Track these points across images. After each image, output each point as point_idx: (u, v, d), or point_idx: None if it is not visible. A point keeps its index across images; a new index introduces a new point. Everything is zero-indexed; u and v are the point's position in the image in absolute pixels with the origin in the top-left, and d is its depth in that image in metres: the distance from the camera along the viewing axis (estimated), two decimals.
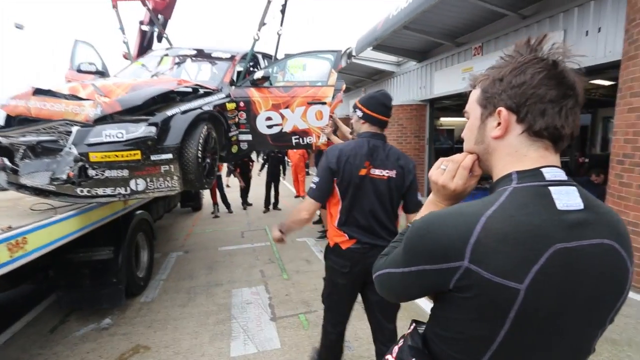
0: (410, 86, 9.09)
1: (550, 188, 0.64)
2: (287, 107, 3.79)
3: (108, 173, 2.52)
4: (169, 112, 2.76)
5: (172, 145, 2.67)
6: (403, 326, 1.63)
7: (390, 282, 0.78)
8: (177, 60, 4.28)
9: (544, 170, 0.66)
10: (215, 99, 3.40)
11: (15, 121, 2.73)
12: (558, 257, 0.59)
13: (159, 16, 4.94)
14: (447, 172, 0.80)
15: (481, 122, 0.75)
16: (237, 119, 3.76)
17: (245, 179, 7.95)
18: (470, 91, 0.81)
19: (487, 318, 0.62)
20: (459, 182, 0.78)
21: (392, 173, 1.82)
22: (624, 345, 2.56)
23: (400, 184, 1.84)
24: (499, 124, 0.69)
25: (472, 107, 0.78)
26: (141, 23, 5.06)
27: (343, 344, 2.12)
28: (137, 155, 2.53)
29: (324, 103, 3.80)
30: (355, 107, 1.94)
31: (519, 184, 0.66)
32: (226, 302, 3.37)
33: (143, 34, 5.14)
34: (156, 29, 5.09)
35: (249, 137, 3.86)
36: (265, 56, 4.76)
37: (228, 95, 3.64)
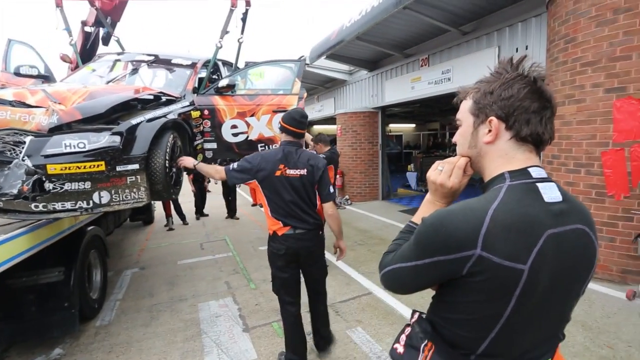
0: (362, 94, 9.47)
1: (538, 184, 0.76)
2: (252, 115, 3.78)
3: (68, 186, 2.32)
4: (134, 121, 2.60)
5: (138, 155, 2.53)
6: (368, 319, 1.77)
7: (401, 276, 0.84)
8: (132, 65, 4.03)
9: (530, 169, 0.78)
10: (180, 106, 3.27)
11: None
12: (550, 241, 0.72)
13: (108, 18, 4.63)
14: (444, 172, 0.89)
15: (474, 129, 0.85)
16: (201, 127, 3.64)
17: (200, 187, 7.69)
18: (460, 101, 0.92)
19: (497, 298, 0.72)
20: (455, 181, 0.88)
21: (304, 171, 2.32)
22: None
23: (311, 179, 2.34)
24: (490, 130, 0.80)
25: (465, 115, 0.88)
26: (84, 24, 4.69)
27: (303, 329, 2.49)
28: (101, 166, 2.37)
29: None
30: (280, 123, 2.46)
31: (512, 181, 0.77)
32: (193, 317, 3.23)
33: (86, 35, 4.76)
34: (102, 31, 4.75)
35: (214, 145, 3.76)
36: (226, 63, 4.67)
37: (192, 103, 3.51)
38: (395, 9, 5.15)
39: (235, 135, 3.78)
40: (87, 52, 4.93)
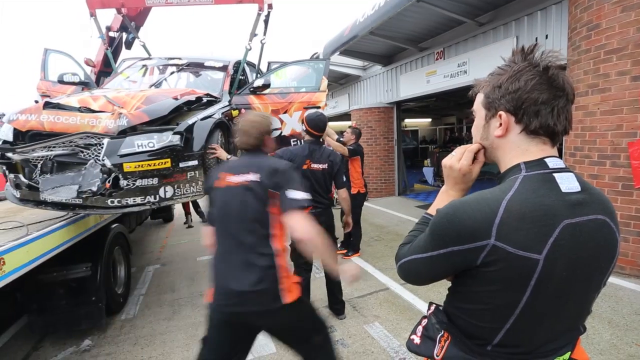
0: (377, 89, 9.40)
1: (554, 174, 0.75)
2: (285, 112, 3.97)
3: (139, 182, 2.55)
4: (190, 121, 2.82)
5: (197, 152, 2.78)
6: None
7: (417, 267, 0.84)
8: (168, 69, 4.25)
9: (547, 160, 0.77)
10: (221, 106, 3.42)
11: (26, 136, 2.60)
12: (566, 231, 0.71)
13: (132, 23, 4.79)
14: (455, 155, 0.91)
15: (485, 122, 0.85)
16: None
17: None
18: (475, 94, 0.91)
19: (512, 287, 0.72)
20: (463, 163, 0.88)
21: (325, 166, 2.94)
22: None
23: (330, 171, 2.97)
24: (501, 124, 0.80)
25: (478, 108, 0.88)
26: (108, 29, 4.86)
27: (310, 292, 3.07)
28: (167, 163, 2.60)
29: (319, 107, 4.06)
30: (302, 123, 3.07)
31: (528, 172, 0.76)
32: None
33: (110, 40, 4.94)
34: (124, 36, 4.91)
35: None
36: (249, 64, 4.79)
37: (229, 103, 3.65)
38: (409, 2, 5.08)
39: None
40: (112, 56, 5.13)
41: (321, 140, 3.09)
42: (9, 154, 2.52)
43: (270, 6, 4.11)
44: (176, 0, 4.10)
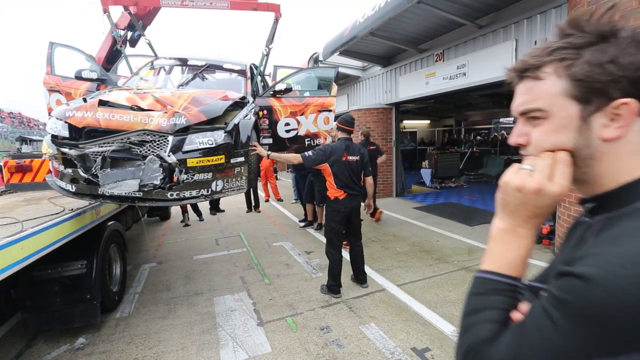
0: (376, 90, 9.41)
1: None
2: (302, 114, 4.21)
3: (197, 177, 2.73)
4: (235, 120, 3.00)
5: (243, 149, 3.02)
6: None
7: None
8: (190, 70, 4.40)
9: None
10: (251, 107, 3.55)
11: (82, 132, 2.69)
12: None
13: (140, 22, 4.79)
14: (539, 171, 0.56)
15: (582, 121, 0.55)
16: (261, 125, 4.04)
17: None
18: (517, 83, 0.62)
19: None
20: (562, 183, 0.55)
21: (357, 158, 3.56)
22: None
23: (361, 162, 3.59)
24: (614, 119, 0.53)
25: (554, 102, 0.56)
26: (115, 27, 4.85)
27: (342, 264, 3.55)
28: (221, 159, 2.81)
29: (330, 110, 4.34)
30: (337, 125, 3.68)
31: None
32: (209, 311, 3.30)
33: (115, 37, 4.93)
34: (130, 34, 4.90)
35: (270, 140, 4.16)
36: (256, 67, 4.88)
37: (253, 104, 3.76)
38: (410, 3, 5.09)
39: (287, 131, 4.20)
40: (113, 54, 5.12)
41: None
42: (65, 149, 2.63)
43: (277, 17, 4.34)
44: (191, 2, 4.15)
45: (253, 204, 8.03)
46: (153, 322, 3.14)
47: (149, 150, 2.66)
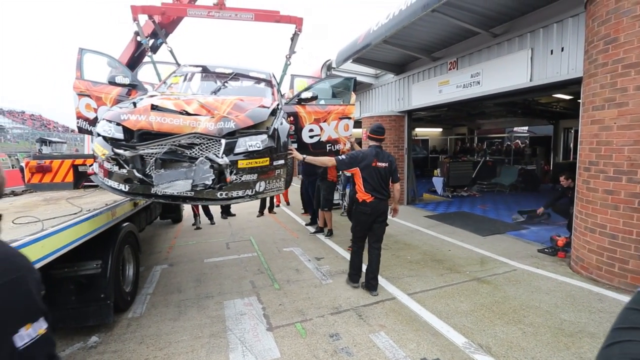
0: (388, 98, 9.41)
1: None
2: (324, 121, 4.38)
3: (244, 177, 2.90)
4: (275, 125, 3.17)
5: (284, 152, 3.22)
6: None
7: None
8: (220, 78, 4.58)
9: None
10: (282, 114, 3.71)
11: (136, 135, 2.85)
12: None
13: (163, 30, 4.97)
14: None
15: None
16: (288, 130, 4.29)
17: None
18: None
19: None
20: None
21: (386, 164, 3.75)
22: (601, 337, 2.76)
23: (389, 169, 3.78)
24: None
25: None
26: (137, 34, 5.02)
27: (362, 257, 3.87)
28: (266, 161, 2.99)
29: (350, 118, 4.53)
30: (366, 134, 3.92)
31: None
32: (219, 314, 3.32)
33: (138, 44, 5.11)
34: (151, 41, 5.06)
35: (295, 145, 4.28)
36: (273, 76, 5.14)
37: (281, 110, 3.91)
38: (424, 12, 5.10)
39: (311, 137, 4.37)
40: (134, 60, 5.29)
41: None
42: (121, 151, 2.77)
43: (299, 29, 4.63)
44: (217, 13, 4.33)
45: (268, 205, 8.28)
46: (164, 324, 3.17)
47: (198, 152, 2.81)
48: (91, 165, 4.65)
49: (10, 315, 0.72)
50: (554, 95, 9.46)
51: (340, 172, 7.70)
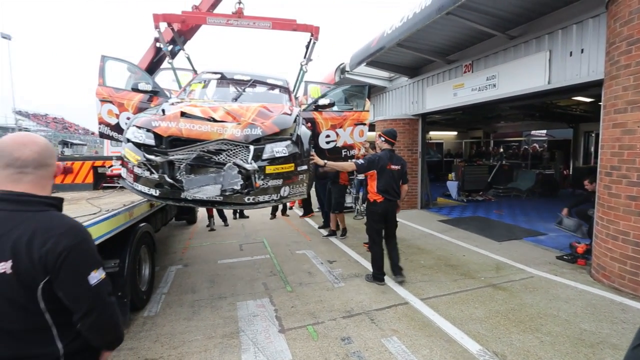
0: (402, 101, 9.36)
1: None
2: (340, 127, 4.45)
3: (271, 183, 2.98)
4: (298, 131, 3.26)
5: (307, 157, 3.29)
6: None
7: None
8: (239, 85, 4.70)
9: None
10: (301, 120, 3.78)
11: (165, 141, 2.95)
12: None
13: (181, 37, 5.12)
14: None
15: None
16: None
17: None
18: None
19: None
20: None
21: (399, 167, 4.06)
22: (624, 349, 2.66)
23: (402, 171, 4.12)
24: None
25: None
26: (157, 40, 5.18)
27: (384, 255, 4.12)
28: (291, 167, 3.07)
29: (364, 124, 4.59)
30: (380, 136, 4.20)
31: None
32: (232, 315, 3.35)
33: (157, 50, 5.27)
34: (170, 47, 5.21)
35: (313, 150, 4.39)
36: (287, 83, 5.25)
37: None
38: (439, 14, 5.06)
39: (327, 142, 4.44)
40: (153, 65, 5.46)
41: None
42: (152, 156, 2.88)
43: (316, 38, 4.78)
44: (236, 22, 4.44)
45: (280, 207, 8.36)
46: (178, 323, 3.22)
47: (225, 157, 2.88)
48: (110, 166, 4.78)
49: (85, 262, 1.09)
50: (573, 98, 9.22)
51: (355, 175, 7.76)
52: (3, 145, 1.08)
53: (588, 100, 9.19)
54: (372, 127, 10.79)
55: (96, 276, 1.10)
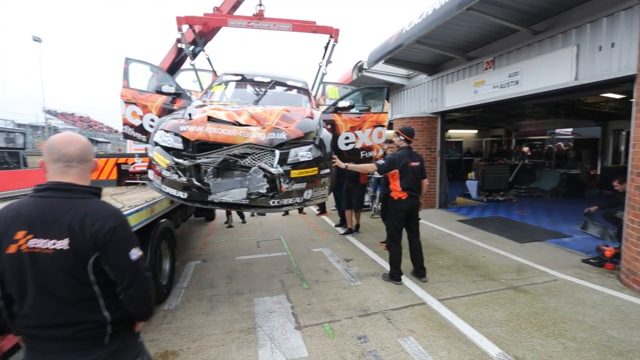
0: (421, 99, 9.22)
1: None
2: (359, 129, 4.46)
3: (295, 186, 3.03)
4: (320, 135, 3.31)
5: (329, 161, 3.35)
6: None
7: None
8: (260, 87, 4.77)
9: None
10: (322, 123, 3.83)
11: (192, 145, 3.03)
12: None
13: (202, 39, 5.24)
14: None
15: None
16: None
17: None
18: None
19: None
20: None
21: (418, 163, 4.04)
22: None
23: (422, 167, 4.10)
24: None
25: None
26: (179, 41, 5.31)
27: (402, 255, 4.07)
28: (315, 170, 3.13)
29: (383, 125, 4.60)
30: (398, 134, 4.13)
31: None
32: (249, 311, 3.40)
33: (179, 51, 5.39)
34: (190, 48, 5.32)
35: (333, 153, 4.44)
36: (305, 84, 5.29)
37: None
38: (459, 10, 4.95)
39: (347, 144, 4.45)
40: (174, 65, 5.59)
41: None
42: (181, 160, 2.96)
43: (336, 40, 4.79)
44: (257, 24, 4.49)
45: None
46: (197, 317, 3.30)
47: (250, 161, 2.92)
48: (133, 164, 4.92)
49: (127, 240, 1.27)
50: (601, 95, 8.83)
51: (371, 174, 7.70)
52: (53, 143, 1.27)
53: (618, 97, 8.76)
54: (390, 125, 10.70)
55: (136, 252, 1.27)
